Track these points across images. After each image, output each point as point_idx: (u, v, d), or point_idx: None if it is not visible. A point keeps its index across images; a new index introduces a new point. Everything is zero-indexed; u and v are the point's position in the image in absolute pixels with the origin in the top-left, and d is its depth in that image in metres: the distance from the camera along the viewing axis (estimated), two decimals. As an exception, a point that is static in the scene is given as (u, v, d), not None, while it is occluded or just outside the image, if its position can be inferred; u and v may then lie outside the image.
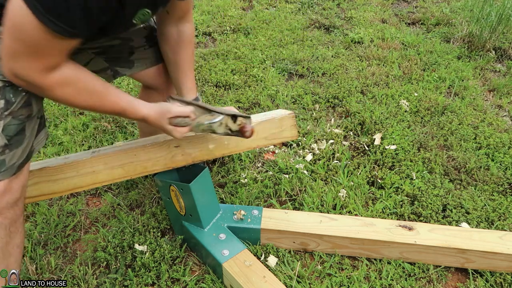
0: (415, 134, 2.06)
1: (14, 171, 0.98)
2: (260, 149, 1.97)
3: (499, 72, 2.78)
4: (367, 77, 2.58)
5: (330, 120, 2.20)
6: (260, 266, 1.29)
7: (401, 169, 1.83)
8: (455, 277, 1.40)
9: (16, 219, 1.03)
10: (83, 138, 2.00)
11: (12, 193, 0.99)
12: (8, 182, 0.98)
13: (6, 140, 0.93)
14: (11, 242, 1.04)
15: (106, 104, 1.02)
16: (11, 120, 0.93)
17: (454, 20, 3.39)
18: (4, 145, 0.93)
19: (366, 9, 3.69)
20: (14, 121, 0.94)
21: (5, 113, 0.92)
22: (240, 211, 1.44)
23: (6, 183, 0.97)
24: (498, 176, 1.80)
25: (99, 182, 1.29)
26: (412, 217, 1.60)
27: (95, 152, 1.30)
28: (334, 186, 1.74)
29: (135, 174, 1.33)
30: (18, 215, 1.04)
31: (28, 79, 0.88)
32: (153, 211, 1.59)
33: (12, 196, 0.99)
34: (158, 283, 1.33)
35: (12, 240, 1.04)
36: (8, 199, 0.98)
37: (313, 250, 1.45)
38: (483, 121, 2.19)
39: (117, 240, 1.46)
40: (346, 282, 1.35)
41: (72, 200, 1.68)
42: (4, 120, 0.92)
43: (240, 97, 2.33)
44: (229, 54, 2.83)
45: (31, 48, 0.82)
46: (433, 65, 2.77)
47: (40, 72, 0.87)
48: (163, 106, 1.14)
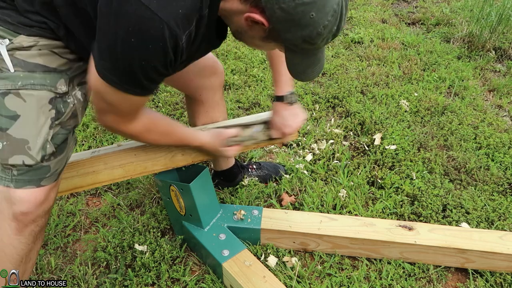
0: (415, 134, 2.06)
1: (55, 178, 1.03)
2: (265, 149, 1.97)
3: (499, 72, 2.78)
4: (367, 77, 2.58)
5: (330, 120, 2.20)
6: (260, 266, 1.29)
7: (401, 169, 1.83)
8: (455, 277, 1.40)
9: (43, 227, 1.06)
10: (83, 138, 2.00)
11: (49, 201, 1.03)
12: (49, 190, 1.01)
13: (54, 148, 0.98)
14: (34, 248, 1.07)
15: (177, 139, 1.20)
16: (60, 129, 0.99)
17: (454, 20, 3.39)
18: (52, 152, 0.98)
19: (366, 9, 3.69)
20: (62, 131, 1.00)
21: (55, 122, 0.98)
22: (240, 211, 1.44)
23: (47, 191, 1.01)
24: (498, 176, 1.80)
25: (99, 182, 1.29)
26: (412, 217, 1.60)
27: (95, 152, 1.30)
28: (334, 186, 1.74)
29: (135, 174, 1.32)
30: (45, 222, 1.07)
31: (117, 129, 1.04)
32: (153, 211, 1.59)
33: (48, 204, 1.03)
34: (158, 283, 1.33)
35: (36, 246, 1.07)
36: (45, 207, 1.02)
37: (313, 250, 1.45)
38: (483, 121, 2.19)
39: (117, 240, 1.46)
40: (346, 282, 1.35)
41: (72, 200, 1.68)
42: (54, 129, 0.98)
43: (240, 97, 2.33)
44: (229, 54, 2.83)
45: (114, 108, 0.96)
46: (433, 65, 2.77)
47: (125, 124, 1.02)
48: (214, 132, 1.30)
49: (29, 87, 0.93)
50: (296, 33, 0.83)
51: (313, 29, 0.82)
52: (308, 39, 0.84)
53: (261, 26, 0.85)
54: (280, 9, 0.79)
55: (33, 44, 0.93)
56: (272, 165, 1.81)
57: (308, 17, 0.80)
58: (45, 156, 0.97)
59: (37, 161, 0.96)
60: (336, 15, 0.82)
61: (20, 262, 1.04)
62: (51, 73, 0.95)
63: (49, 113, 0.96)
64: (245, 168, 1.74)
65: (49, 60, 0.95)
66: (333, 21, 0.82)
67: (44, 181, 0.99)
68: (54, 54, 0.96)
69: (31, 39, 0.92)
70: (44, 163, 0.97)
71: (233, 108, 2.24)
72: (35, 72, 0.93)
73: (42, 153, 0.96)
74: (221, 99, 1.47)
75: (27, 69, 0.93)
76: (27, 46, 0.92)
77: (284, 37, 0.85)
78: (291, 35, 0.84)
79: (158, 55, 0.84)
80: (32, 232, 1.02)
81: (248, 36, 0.93)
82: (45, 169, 0.98)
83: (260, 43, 0.93)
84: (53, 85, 0.96)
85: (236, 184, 1.72)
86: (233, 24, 0.93)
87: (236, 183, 1.71)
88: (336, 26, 0.84)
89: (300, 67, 0.96)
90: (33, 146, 0.95)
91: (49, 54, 0.95)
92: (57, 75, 0.96)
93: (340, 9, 0.82)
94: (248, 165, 1.77)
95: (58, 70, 0.97)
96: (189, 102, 1.47)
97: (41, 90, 0.94)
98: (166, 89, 2.41)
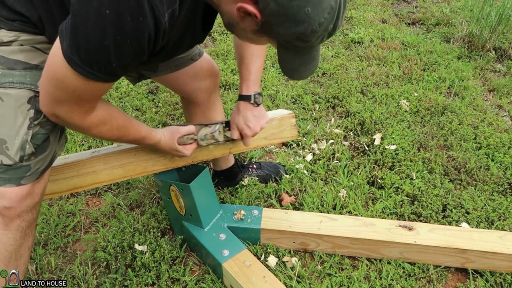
0: (415, 134, 2.06)
1: (37, 176, 1.01)
2: (265, 149, 1.97)
3: (499, 72, 2.78)
4: (367, 77, 2.58)
5: (330, 120, 2.20)
6: (260, 266, 1.29)
7: (401, 169, 1.83)
8: (455, 277, 1.40)
9: (32, 222, 1.05)
10: (83, 138, 2.00)
11: (33, 197, 1.01)
12: (31, 187, 1.00)
13: (33, 148, 0.96)
14: (24, 244, 1.06)
15: (131, 135, 1.09)
16: (39, 129, 0.96)
17: (454, 20, 3.39)
18: (32, 153, 0.96)
19: (366, 9, 3.69)
20: (42, 130, 0.97)
21: (34, 122, 0.95)
22: (240, 211, 1.44)
23: (29, 187, 1.00)
24: (498, 176, 1.80)
25: (99, 182, 1.29)
26: (412, 217, 1.60)
27: (95, 152, 1.30)
28: (334, 186, 1.74)
29: (135, 174, 1.32)
30: (34, 218, 1.06)
31: (69, 121, 0.92)
32: (153, 211, 1.59)
33: (33, 200, 1.02)
34: (158, 283, 1.33)
35: (26, 242, 1.06)
36: (29, 202, 1.01)
37: (313, 250, 1.45)
38: (483, 121, 2.19)
39: (117, 240, 1.46)
40: (346, 282, 1.35)
41: (72, 200, 1.68)
42: (33, 129, 0.95)
43: (240, 97, 2.33)
44: (229, 54, 2.83)
45: (74, 96, 0.86)
46: (433, 65, 2.77)
47: (81, 115, 0.92)
48: (172, 128, 1.23)
49: (7, 85, 0.90)
50: (289, 28, 0.78)
51: (307, 26, 0.77)
52: (302, 36, 0.80)
53: (254, 19, 0.80)
54: (274, 1, 0.74)
55: (13, 39, 0.89)
56: (272, 165, 1.81)
57: (303, 12, 0.75)
58: (24, 157, 0.95)
59: (16, 161, 0.94)
60: (333, 13, 0.78)
61: (9, 258, 1.03)
62: (32, 70, 0.92)
63: (27, 113, 0.93)
64: (245, 168, 1.74)
65: (31, 57, 0.92)
66: (330, 18, 0.78)
67: (24, 180, 0.98)
68: (37, 50, 0.92)
69: (11, 34, 0.89)
70: (23, 163, 0.95)
71: (233, 108, 2.24)
72: (15, 70, 0.90)
73: (20, 154, 0.94)
74: (217, 99, 1.45)
75: (6, 66, 0.89)
76: (7, 42, 0.89)
77: (276, 32, 0.80)
78: (284, 31, 0.79)
79: (137, 30, 0.76)
80: (19, 227, 1.01)
81: (240, 29, 0.87)
82: (25, 169, 0.96)
83: (252, 36, 0.88)
84: (33, 83, 0.92)
85: (236, 184, 1.72)
86: (225, 15, 0.88)
87: (236, 182, 1.71)
88: (333, 24, 0.80)
89: (293, 65, 0.91)
90: (11, 146, 0.93)
91: (31, 50, 0.92)
92: (38, 72, 0.91)
93: (338, 7, 0.78)
94: (248, 165, 1.77)
95: (40, 67, 0.91)
96: (185, 103, 1.46)
97: (20, 88, 0.91)
98: (166, 89, 2.41)
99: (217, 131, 1.32)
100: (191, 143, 1.27)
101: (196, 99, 1.40)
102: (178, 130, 1.23)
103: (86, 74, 0.80)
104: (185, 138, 1.24)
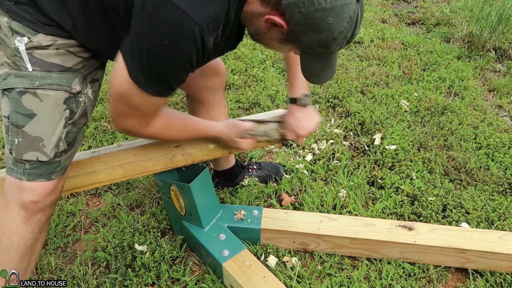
0: (415, 134, 2.06)
1: (63, 171, 1.08)
2: (265, 149, 1.97)
3: (499, 72, 2.79)
4: (367, 77, 2.58)
5: (330, 120, 2.20)
6: (260, 266, 1.29)
7: (401, 169, 1.83)
8: (455, 277, 1.40)
9: (49, 218, 1.10)
10: (83, 138, 2.00)
11: (56, 193, 1.07)
12: (57, 182, 1.06)
13: (66, 145, 1.03)
14: (40, 240, 1.10)
15: (192, 133, 1.21)
16: (72, 128, 1.03)
17: (454, 20, 3.39)
18: (64, 150, 1.03)
19: (366, 9, 3.69)
20: (74, 129, 1.04)
21: (69, 122, 1.02)
22: (240, 211, 1.44)
23: (56, 183, 1.05)
24: (498, 176, 1.80)
25: (99, 182, 1.29)
26: (412, 217, 1.60)
27: (95, 152, 1.30)
28: (334, 186, 1.74)
29: (135, 174, 1.32)
30: (51, 214, 1.11)
31: (136, 133, 1.07)
32: (153, 211, 1.59)
33: (55, 195, 1.07)
34: (158, 283, 1.33)
35: (41, 238, 1.10)
36: (52, 197, 1.06)
37: (313, 250, 1.45)
38: (483, 121, 2.19)
39: (117, 240, 1.46)
40: (346, 282, 1.35)
41: (72, 200, 1.68)
42: (67, 128, 1.02)
43: (240, 97, 2.33)
44: (229, 54, 2.83)
45: (137, 111, 0.98)
46: (433, 65, 2.77)
47: (145, 125, 1.04)
48: (231, 122, 1.31)
49: (46, 87, 0.95)
50: (312, 36, 0.87)
51: (329, 34, 0.86)
52: (324, 43, 0.88)
53: (280, 29, 0.89)
54: (300, 13, 0.83)
55: (51, 43, 0.94)
56: (273, 165, 1.81)
57: (325, 22, 0.84)
58: (58, 153, 1.01)
59: (51, 158, 1.00)
60: (352, 22, 0.86)
61: (25, 252, 1.06)
62: (66, 73, 0.98)
63: (63, 113, 1.00)
64: (245, 168, 1.74)
65: (65, 60, 0.97)
66: (349, 27, 0.86)
67: (54, 175, 1.04)
68: (70, 53, 0.98)
69: (49, 38, 0.94)
70: (56, 159, 1.02)
71: (233, 108, 2.24)
72: (52, 72, 0.95)
73: (55, 151, 1.00)
74: (222, 100, 1.47)
75: (44, 69, 0.95)
76: (45, 45, 0.94)
77: (300, 40, 0.89)
78: (308, 39, 0.88)
79: (190, 56, 0.87)
80: (39, 221, 1.05)
81: (267, 38, 0.97)
82: (56, 164, 1.03)
83: (278, 44, 0.97)
84: (68, 85, 0.98)
85: (236, 184, 1.72)
86: (252, 26, 0.97)
87: (236, 183, 1.71)
88: (351, 32, 0.88)
89: (314, 69, 1.00)
90: (47, 144, 0.99)
91: (65, 54, 0.97)
92: (72, 75, 0.99)
93: (356, 17, 0.86)
94: (249, 165, 1.77)
95: (73, 69, 0.99)
96: (190, 101, 1.48)
97: (57, 90, 0.97)
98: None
99: (274, 130, 1.37)
100: (247, 138, 1.34)
101: (201, 97, 1.42)
102: (240, 125, 1.31)
103: (150, 91, 0.92)
104: (245, 132, 1.32)
